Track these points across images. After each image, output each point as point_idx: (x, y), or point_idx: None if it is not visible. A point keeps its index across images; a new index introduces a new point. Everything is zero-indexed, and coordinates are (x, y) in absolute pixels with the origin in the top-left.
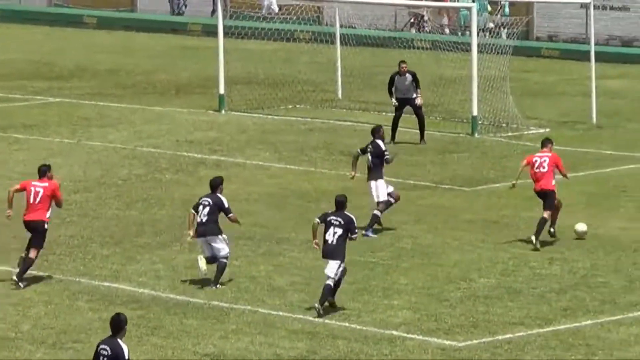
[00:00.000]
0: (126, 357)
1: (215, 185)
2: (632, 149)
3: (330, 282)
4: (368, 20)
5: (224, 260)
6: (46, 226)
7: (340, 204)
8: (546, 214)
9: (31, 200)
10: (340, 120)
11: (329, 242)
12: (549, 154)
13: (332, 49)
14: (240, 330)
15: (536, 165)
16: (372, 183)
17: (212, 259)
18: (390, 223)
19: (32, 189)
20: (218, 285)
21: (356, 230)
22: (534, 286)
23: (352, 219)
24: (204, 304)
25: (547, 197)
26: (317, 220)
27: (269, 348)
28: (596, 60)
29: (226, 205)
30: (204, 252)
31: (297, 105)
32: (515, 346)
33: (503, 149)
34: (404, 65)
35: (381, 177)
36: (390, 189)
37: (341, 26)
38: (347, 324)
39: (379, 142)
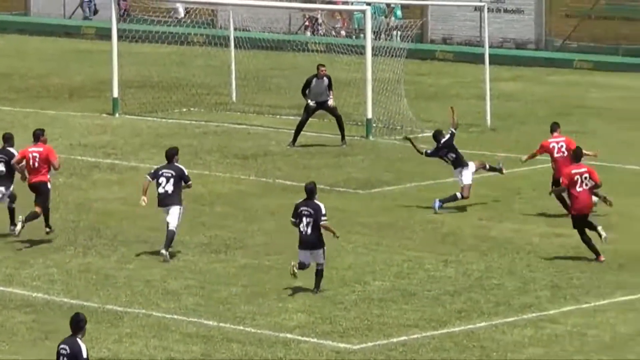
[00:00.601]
0: (84, 356)
1: (171, 155)
2: (526, 151)
3: (321, 268)
4: (262, 24)
5: (174, 229)
6: (49, 185)
7: (310, 191)
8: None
9: (31, 165)
10: (234, 123)
11: (304, 232)
12: (563, 138)
13: (226, 52)
14: (135, 334)
15: (555, 150)
16: (459, 169)
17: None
18: (285, 226)
19: (30, 155)
20: (168, 251)
21: (324, 217)
22: (429, 289)
23: (319, 207)
24: (98, 308)
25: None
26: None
27: (163, 351)
28: (490, 63)
29: (186, 173)
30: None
31: (192, 109)
32: (409, 348)
33: (398, 151)
34: (323, 68)
35: (466, 166)
36: (468, 180)
37: (235, 29)
38: (241, 327)
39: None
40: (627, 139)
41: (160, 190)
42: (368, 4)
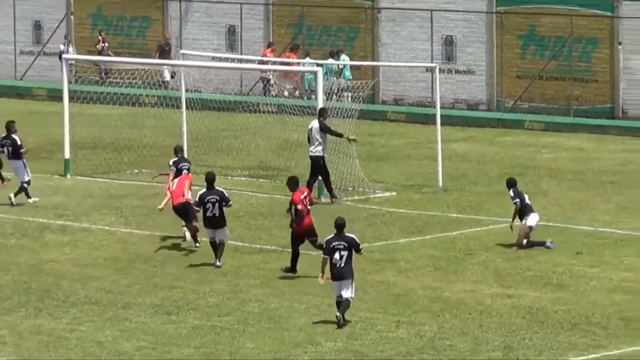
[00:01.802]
0: None
1: (212, 179)
2: (478, 212)
3: (349, 298)
4: (214, 85)
5: (224, 242)
6: None
7: (340, 227)
8: None
9: None
10: None
11: (338, 265)
12: None
13: (178, 113)
14: None
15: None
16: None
17: (214, 243)
18: (237, 287)
19: None
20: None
21: (360, 247)
22: (381, 349)
23: (353, 238)
24: None
25: None
26: (324, 256)
27: None
28: (442, 124)
29: (227, 195)
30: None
31: (143, 170)
32: None
33: (350, 212)
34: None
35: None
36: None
37: (187, 90)
38: None
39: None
40: (578, 199)
41: (209, 214)
42: (319, 65)
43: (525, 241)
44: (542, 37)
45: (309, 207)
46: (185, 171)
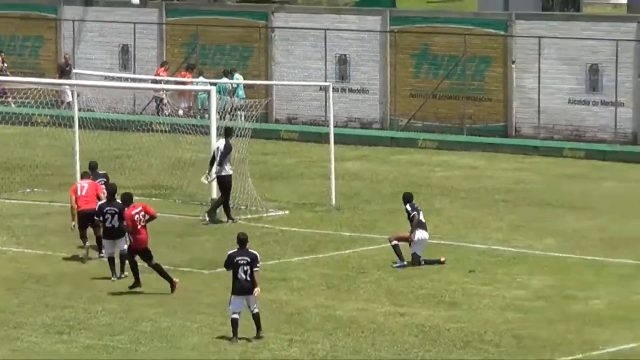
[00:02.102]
0: None
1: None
2: (371, 230)
3: (256, 311)
4: (107, 104)
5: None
6: None
7: (242, 241)
8: None
9: None
10: None
11: (242, 279)
12: None
13: (70, 133)
14: None
15: None
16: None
17: (113, 258)
18: (129, 306)
19: None
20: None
21: (258, 265)
22: None
23: (256, 256)
24: None
25: None
26: (226, 269)
27: None
28: (335, 143)
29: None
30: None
31: (35, 189)
32: None
33: (243, 231)
34: None
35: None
36: None
37: (80, 110)
38: None
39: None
40: (471, 217)
41: (108, 225)
42: (212, 84)
43: (394, 242)
44: (435, 56)
45: (142, 224)
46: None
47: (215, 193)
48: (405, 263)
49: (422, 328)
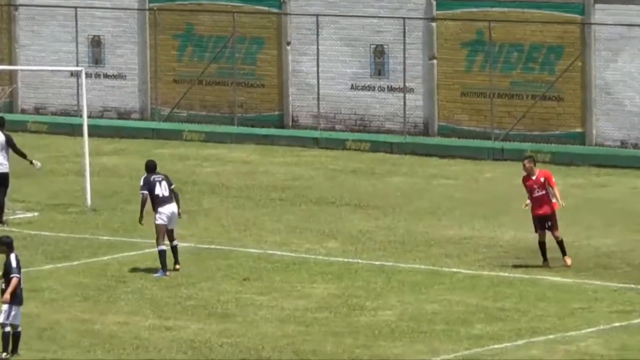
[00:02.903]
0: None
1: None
2: (132, 234)
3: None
4: None
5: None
6: None
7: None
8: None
9: None
10: None
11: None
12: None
13: None
14: None
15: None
16: None
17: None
18: None
19: None
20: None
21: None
22: None
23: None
24: None
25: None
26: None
27: None
28: (90, 135)
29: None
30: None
31: None
32: None
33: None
34: None
35: None
36: None
37: None
38: None
39: None
40: (244, 218)
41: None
42: None
43: (161, 247)
44: (201, 36)
45: None
46: None
47: None
48: (167, 274)
49: (191, 344)
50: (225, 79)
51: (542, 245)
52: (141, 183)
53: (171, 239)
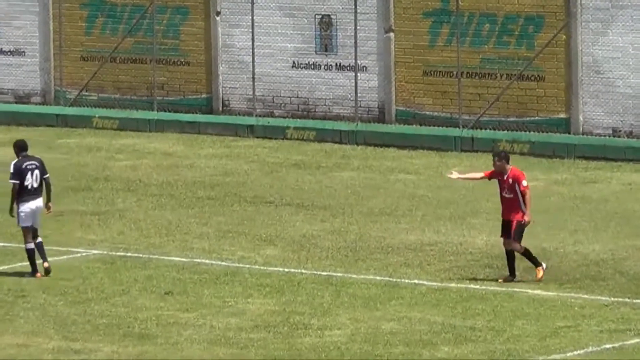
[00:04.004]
0: None
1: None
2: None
3: None
4: None
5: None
6: None
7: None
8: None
9: None
10: None
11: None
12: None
13: None
14: None
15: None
16: None
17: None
18: None
19: None
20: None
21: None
22: None
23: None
24: None
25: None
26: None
27: None
28: None
29: None
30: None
31: None
32: None
33: None
34: None
35: None
36: None
37: None
38: None
39: None
40: (167, 221)
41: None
42: None
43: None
44: (113, 5)
45: None
46: None
47: None
48: (37, 275)
49: None
50: (143, 56)
51: (507, 254)
52: (11, 170)
53: (35, 236)
